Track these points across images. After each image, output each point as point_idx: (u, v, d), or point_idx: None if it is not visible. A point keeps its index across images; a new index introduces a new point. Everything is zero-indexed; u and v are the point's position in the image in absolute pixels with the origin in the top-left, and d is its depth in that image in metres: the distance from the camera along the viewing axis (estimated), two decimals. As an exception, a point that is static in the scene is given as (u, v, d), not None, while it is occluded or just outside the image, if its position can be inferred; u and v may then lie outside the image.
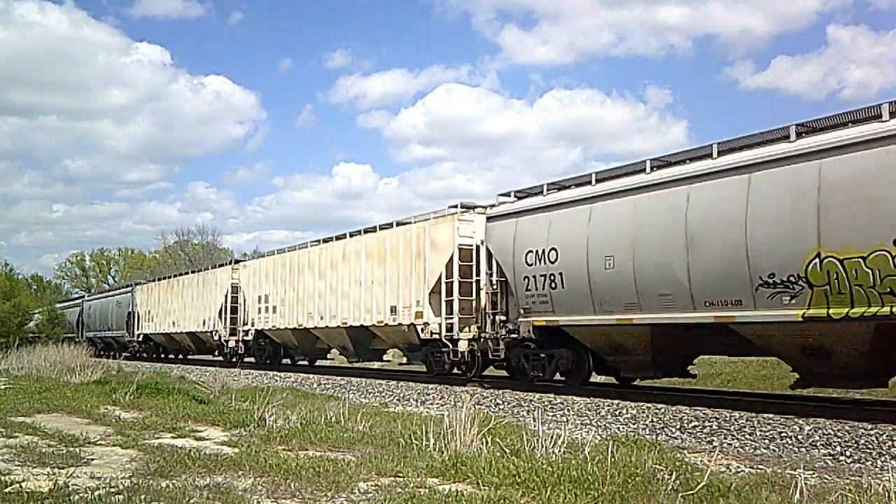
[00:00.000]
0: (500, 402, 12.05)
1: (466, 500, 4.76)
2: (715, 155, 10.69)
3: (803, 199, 9.27)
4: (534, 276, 13.05)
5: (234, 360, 25.29)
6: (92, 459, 6.39)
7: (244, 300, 24.63)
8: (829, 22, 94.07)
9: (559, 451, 6.04)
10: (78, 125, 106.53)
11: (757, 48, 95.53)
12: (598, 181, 12.45)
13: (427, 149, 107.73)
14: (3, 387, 14.44)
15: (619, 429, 9.24)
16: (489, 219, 14.62)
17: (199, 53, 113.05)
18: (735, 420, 9.43)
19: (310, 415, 8.91)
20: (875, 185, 8.64)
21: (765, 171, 9.83)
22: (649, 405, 11.00)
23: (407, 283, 16.46)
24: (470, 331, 15.24)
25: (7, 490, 4.97)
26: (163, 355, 33.16)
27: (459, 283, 15.30)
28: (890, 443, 7.77)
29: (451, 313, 15.34)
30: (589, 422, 9.93)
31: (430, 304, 15.76)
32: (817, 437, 8.19)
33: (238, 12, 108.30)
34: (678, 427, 9.25)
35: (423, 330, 15.91)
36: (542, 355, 13.58)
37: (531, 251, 13.14)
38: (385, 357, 21.78)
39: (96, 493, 4.92)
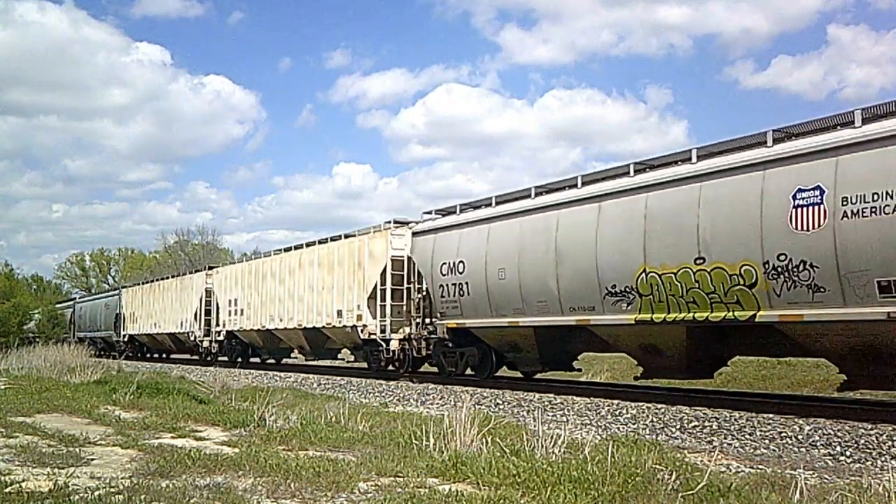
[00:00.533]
0: (500, 402, 12.05)
1: (466, 500, 4.76)
2: (579, 185, 12.94)
3: (635, 224, 11.41)
4: (447, 285, 15.51)
5: (208, 358, 27.50)
6: (92, 459, 6.39)
7: (217, 303, 27.07)
8: (830, 21, 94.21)
9: (559, 451, 6.04)
10: (78, 125, 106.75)
11: (757, 48, 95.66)
12: (497, 204, 14.79)
13: (427, 149, 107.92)
14: (3, 387, 14.44)
15: (619, 429, 9.24)
16: (414, 234, 17.06)
17: (198, 53, 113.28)
18: (735, 420, 9.43)
19: (310, 415, 8.92)
20: (681, 215, 10.76)
21: (610, 201, 12.02)
22: (649, 405, 11.00)
23: (350, 290, 18.85)
24: (401, 332, 17.55)
25: (7, 490, 4.97)
26: (148, 354, 35.65)
27: (392, 289, 17.73)
28: (890, 443, 7.77)
29: (385, 316, 17.78)
30: (589, 422, 9.93)
31: (369, 308, 18.10)
32: (817, 437, 8.19)
33: (238, 12, 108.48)
34: (678, 427, 9.26)
35: (362, 331, 18.24)
36: (456, 353, 16.09)
37: (445, 263, 15.60)
38: (339, 356, 24.40)
39: (96, 493, 4.92)
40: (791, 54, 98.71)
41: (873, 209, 8.64)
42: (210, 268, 29.35)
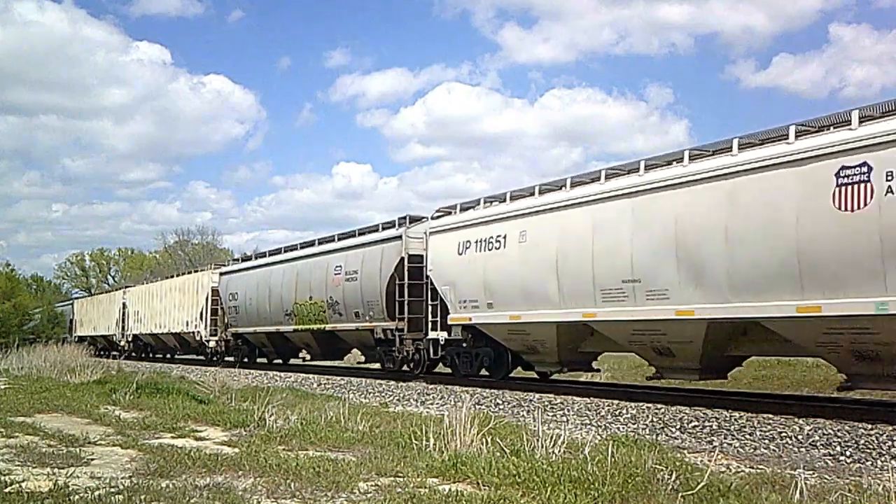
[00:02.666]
0: (500, 402, 12.05)
1: (466, 500, 4.76)
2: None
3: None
4: (229, 307, 26.31)
5: (123, 352, 34.64)
6: (92, 459, 6.39)
7: (129, 312, 35.89)
8: (831, 20, 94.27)
9: (559, 451, 6.03)
10: (77, 124, 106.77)
11: (758, 46, 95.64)
12: (270, 254, 24.06)
13: (427, 148, 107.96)
14: (3, 387, 14.44)
15: (619, 429, 9.24)
16: (221, 274, 27.42)
17: (198, 52, 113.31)
18: (735, 420, 9.44)
19: (310, 415, 8.91)
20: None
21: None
22: (649, 405, 11.00)
23: (191, 308, 28.59)
24: (217, 336, 26.93)
25: (7, 490, 4.97)
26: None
27: (211, 308, 27.12)
28: (890, 443, 7.76)
29: (206, 326, 27.08)
30: (589, 422, 9.93)
31: (201, 320, 27.51)
32: (817, 437, 8.19)
33: (237, 10, 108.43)
34: (678, 427, 9.26)
35: (197, 335, 27.80)
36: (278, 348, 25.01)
37: (230, 294, 26.19)
38: (189, 354, 31.03)
39: (96, 493, 4.93)
40: (792, 53, 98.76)
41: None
42: (126, 287, 39.08)
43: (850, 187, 8.79)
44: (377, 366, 19.19)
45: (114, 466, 6.07)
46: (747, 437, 8.51)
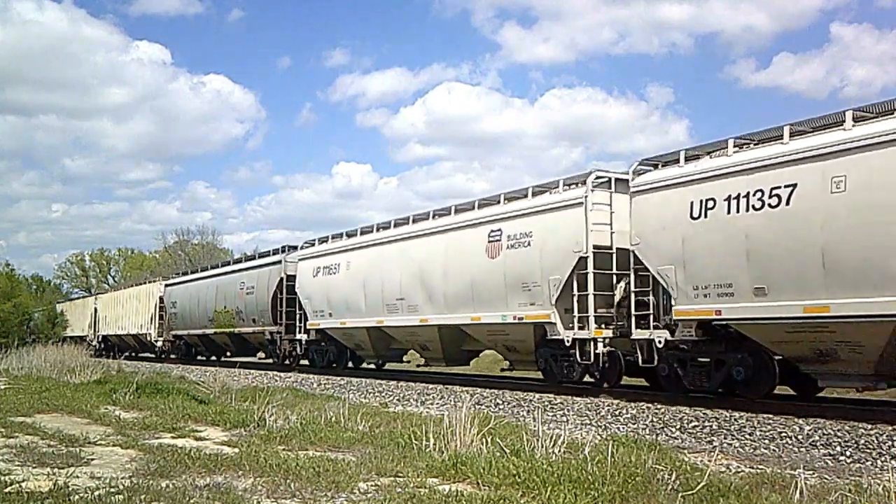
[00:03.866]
0: (500, 402, 12.06)
1: (466, 500, 4.76)
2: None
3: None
4: (171, 315, 31.40)
5: (96, 350, 38.47)
6: (92, 459, 6.39)
7: (100, 317, 41.08)
8: (832, 19, 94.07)
9: (559, 451, 6.03)
10: (77, 124, 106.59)
11: (759, 46, 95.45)
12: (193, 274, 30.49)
13: (427, 148, 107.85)
14: (3, 387, 14.45)
15: (619, 429, 9.24)
16: (166, 286, 32.29)
17: (198, 52, 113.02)
18: (735, 420, 9.44)
19: (310, 415, 8.91)
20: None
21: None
22: (649, 405, 11.01)
23: (145, 313, 34.05)
24: (163, 336, 32.08)
25: (7, 490, 4.98)
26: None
27: (160, 314, 32.08)
28: (890, 443, 7.77)
29: (154, 328, 32.54)
30: (589, 422, 9.93)
31: (150, 323, 33.02)
32: (817, 437, 8.19)
33: (237, 10, 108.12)
34: (678, 427, 9.26)
35: (147, 336, 33.28)
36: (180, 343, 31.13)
37: (171, 302, 31.32)
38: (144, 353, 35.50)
39: (96, 493, 4.93)
40: (793, 52, 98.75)
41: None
42: (98, 294, 45.35)
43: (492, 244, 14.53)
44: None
45: (114, 466, 6.07)
46: (747, 437, 8.51)
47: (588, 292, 12.51)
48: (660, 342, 11.36)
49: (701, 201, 10.66)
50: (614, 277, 12.63)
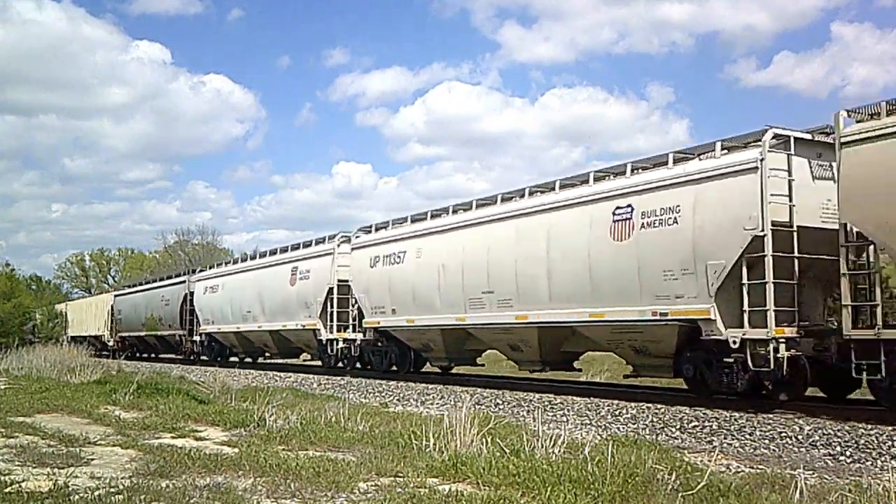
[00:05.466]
0: (500, 402, 12.06)
1: (466, 500, 4.76)
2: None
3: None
4: (120, 319, 37.54)
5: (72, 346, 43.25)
6: (92, 459, 6.39)
7: (72, 320, 47.37)
8: (833, 19, 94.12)
9: (559, 451, 6.04)
10: (77, 124, 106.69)
11: (759, 45, 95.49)
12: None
13: (427, 148, 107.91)
14: (3, 387, 14.45)
15: (619, 429, 9.24)
16: (115, 296, 38.06)
17: (197, 51, 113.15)
18: (735, 420, 9.44)
19: (310, 415, 8.91)
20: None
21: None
22: (649, 405, 11.00)
23: (101, 318, 40.79)
24: (115, 336, 37.61)
25: (7, 490, 4.98)
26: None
27: (111, 320, 39.87)
28: (890, 443, 7.77)
29: (107, 331, 39.11)
30: (589, 422, 9.93)
31: (106, 326, 39.10)
32: (817, 437, 8.20)
33: (237, 9, 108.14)
34: (678, 427, 9.26)
35: (101, 337, 39.49)
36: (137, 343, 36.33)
37: (119, 309, 37.88)
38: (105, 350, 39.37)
39: (96, 493, 4.93)
40: (794, 52, 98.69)
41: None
42: (68, 301, 54.56)
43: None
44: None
45: (114, 466, 6.07)
46: (747, 437, 8.51)
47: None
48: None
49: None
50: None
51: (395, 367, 18.41)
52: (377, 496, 4.98)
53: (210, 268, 29.94)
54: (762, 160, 10.02)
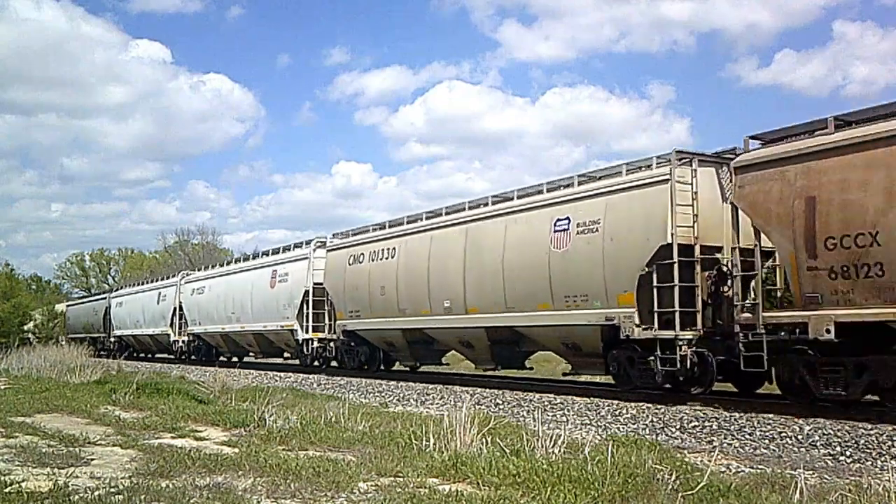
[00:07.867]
0: (500, 402, 12.06)
1: (466, 500, 4.76)
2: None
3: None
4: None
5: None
6: (92, 459, 6.39)
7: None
8: (835, 17, 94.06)
9: (559, 451, 6.04)
10: (76, 123, 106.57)
11: (761, 44, 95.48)
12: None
13: (427, 147, 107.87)
14: (3, 387, 14.45)
15: (619, 429, 9.25)
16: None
17: (197, 50, 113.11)
18: (735, 420, 9.44)
19: (310, 415, 8.91)
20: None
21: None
22: (649, 405, 11.00)
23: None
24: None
25: (7, 490, 4.98)
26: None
27: None
28: (890, 443, 7.77)
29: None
30: (589, 422, 9.93)
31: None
32: (817, 437, 8.20)
33: (236, 7, 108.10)
34: (678, 427, 9.26)
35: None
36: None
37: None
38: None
39: (96, 493, 4.93)
40: (795, 50, 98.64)
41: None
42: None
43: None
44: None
45: (114, 466, 6.07)
46: (747, 437, 8.51)
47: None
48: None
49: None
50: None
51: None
52: (377, 496, 4.98)
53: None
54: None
